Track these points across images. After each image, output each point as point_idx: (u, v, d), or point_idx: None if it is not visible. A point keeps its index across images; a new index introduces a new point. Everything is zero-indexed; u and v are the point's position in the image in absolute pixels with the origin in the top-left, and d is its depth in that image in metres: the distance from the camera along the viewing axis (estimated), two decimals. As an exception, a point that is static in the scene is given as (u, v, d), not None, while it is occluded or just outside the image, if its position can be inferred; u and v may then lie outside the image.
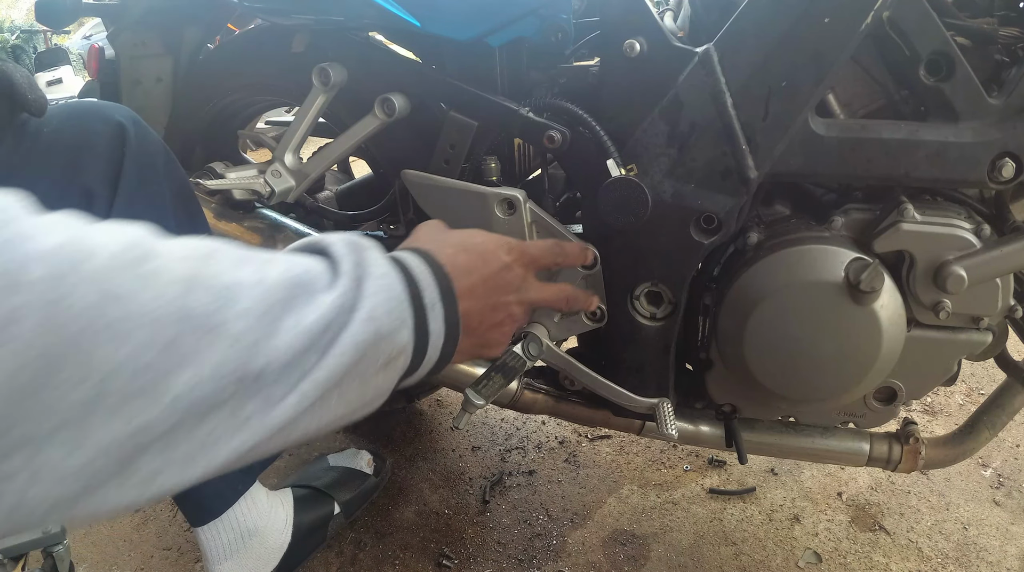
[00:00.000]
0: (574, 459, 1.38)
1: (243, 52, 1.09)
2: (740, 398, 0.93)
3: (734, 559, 1.15)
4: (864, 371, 0.80)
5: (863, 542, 1.18)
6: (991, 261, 0.75)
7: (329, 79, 0.91)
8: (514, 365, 0.91)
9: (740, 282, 0.82)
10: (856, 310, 0.77)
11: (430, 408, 1.55)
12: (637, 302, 0.88)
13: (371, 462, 1.26)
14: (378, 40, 1.00)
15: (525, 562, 1.15)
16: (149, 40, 1.08)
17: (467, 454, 1.40)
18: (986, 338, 0.82)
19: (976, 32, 0.73)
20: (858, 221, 0.81)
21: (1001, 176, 0.71)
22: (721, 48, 0.75)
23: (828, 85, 0.75)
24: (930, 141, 0.72)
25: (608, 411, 0.99)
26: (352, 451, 1.29)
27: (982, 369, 1.66)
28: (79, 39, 8.29)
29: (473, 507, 1.27)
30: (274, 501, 1.07)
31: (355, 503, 1.19)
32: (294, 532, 1.08)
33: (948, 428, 1.33)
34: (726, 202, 0.78)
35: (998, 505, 1.26)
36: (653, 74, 0.78)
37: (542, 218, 0.88)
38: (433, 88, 0.88)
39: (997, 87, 0.72)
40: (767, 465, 1.35)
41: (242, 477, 0.98)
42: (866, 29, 0.70)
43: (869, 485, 1.30)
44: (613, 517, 1.24)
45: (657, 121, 0.78)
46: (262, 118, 1.46)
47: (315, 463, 1.27)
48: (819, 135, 0.75)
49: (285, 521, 1.07)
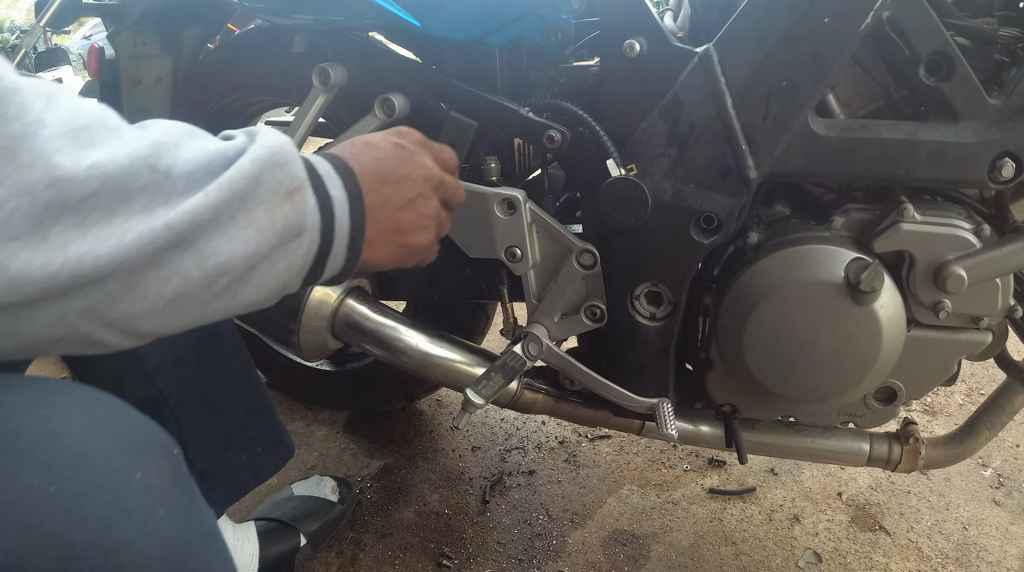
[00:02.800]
0: (574, 459, 1.38)
1: (243, 52, 1.09)
2: (740, 398, 0.93)
3: (734, 559, 1.15)
4: (864, 371, 0.80)
5: (863, 542, 1.18)
6: (991, 261, 0.75)
7: (329, 79, 0.91)
8: (514, 365, 0.91)
9: (740, 282, 0.82)
10: (856, 310, 0.77)
11: (430, 408, 1.55)
12: (637, 302, 0.88)
13: (335, 489, 1.22)
14: (378, 40, 1.00)
15: (525, 562, 1.15)
16: (149, 40, 1.08)
17: (467, 454, 1.40)
18: (986, 338, 0.82)
19: (976, 32, 0.73)
20: (858, 221, 0.81)
21: (1001, 176, 0.71)
22: (721, 48, 0.75)
23: (828, 85, 0.75)
24: (930, 141, 0.72)
25: (608, 411, 0.99)
26: (316, 478, 1.24)
27: (982, 369, 1.66)
28: (79, 39, 8.29)
29: (473, 507, 1.27)
30: (240, 535, 1.04)
31: (321, 533, 1.15)
32: (260, 567, 1.04)
33: (948, 428, 1.33)
34: (726, 202, 0.78)
35: (998, 505, 1.26)
36: (653, 74, 0.78)
37: (542, 218, 0.88)
38: (433, 88, 0.88)
39: (997, 87, 0.72)
40: (767, 465, 1.35)
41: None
42: (866, 29, 0.70)
43: (869, 485, 1.30)
44: (613, 517, 1.24)
45: (657, 121, 0.78)
46: (262, 118, 1.46)
47: (278, 493, 1.23)
48: (819, 135, 0.75)
49: (252, 556, 1.03)
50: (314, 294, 0.97)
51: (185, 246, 0.40)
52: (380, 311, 1.01)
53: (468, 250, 0.91)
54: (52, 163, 0.35)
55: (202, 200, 0.40)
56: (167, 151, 0.40)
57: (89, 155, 0.36)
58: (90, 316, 0.39)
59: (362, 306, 1.00)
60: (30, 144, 0.34)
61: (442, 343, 1.00)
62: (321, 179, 0.49)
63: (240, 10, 0.96)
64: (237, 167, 0.42)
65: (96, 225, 0.36)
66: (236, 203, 0.42)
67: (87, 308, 0.38)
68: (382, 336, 0.99)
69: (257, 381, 1.00)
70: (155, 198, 0.38)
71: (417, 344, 0.99)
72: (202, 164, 0.41)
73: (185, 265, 0.40)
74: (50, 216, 0.34)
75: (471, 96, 0.86)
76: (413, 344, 0.99)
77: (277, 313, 0.97)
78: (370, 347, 1.00)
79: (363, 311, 1.00)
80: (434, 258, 0.68)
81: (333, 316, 0.99)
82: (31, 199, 0.34)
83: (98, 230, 0.36)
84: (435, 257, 0.68)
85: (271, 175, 0.44)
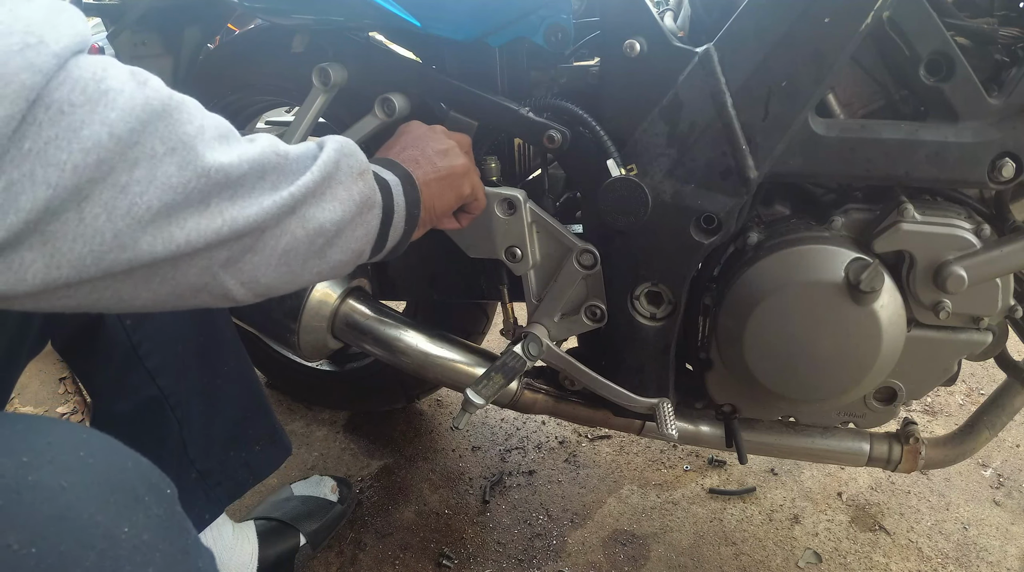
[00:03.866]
0: (574, 459, 1.38)
1: (243, 52, 1.09)
2: (740, 398, 0.93)
3: (734, 559, 1.15)
4: (864, 371, 0.80)
5: (863, 542, 1.18)
6: (991, 261, 0.75)
7: (329, 79, 0.91)
8: (514, 365, 0.91)
9: (740, 282, 0.82)
10: (856, 310, 0.77)
11: (430, 408, 1.55)
12: (637, 302, 0.89)
13: (335, 489, 1.22)
14: (378, 40, 1.00)
15: (525, 562, 1.15)
16: (149, 40, 1.08)
17: (467, 454, 1.40)
18: (986, 338, 0.82)
19: (976, 32, 0.73)
20: (858, 221, 0.81)
21: (1001, 176, 0.71)
22: (721, 48, 0.75)
23: (828, 85, 0.75)
24: (930, 141, 0.72)
25: (608, 411, 0.99)
26: (316, 478, 1.25)
27: (982, 369, 1.66)
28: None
29: (473, 507, 1.27)
30: (240, 534, 1.04)
31: (321, 533, 1.15)
32: (260, 566, 1.04)
33: (948, 428, 1.34)
34: (726, 202, 0.78)
35: (998, 505, 1.26)
36: (653, 74, 0.78)
37: (542, 218, 0.88)
38: (433, 88, 0.88)
39: (997, 87, 0.72)
40: (767, 465, 1.35)
41: (208, 507, 0.94)
42: (866, 29, 0.70)
43: (869, 485, 1.30)
44: (613, 517, 1.24)
45: (657, 121, 0.78)
46: (262, 118, 1.46)
47: (278, 493, 1.23)
48: (819, 135, 0.75)
49: (251, 555, 1.03)
50: (314, 294, 0.97)
51: (294, 212, 0.51)
52: (380, 311, 1.01)
53: (468, 250, 0.91)
54: (216, 155, 0.45)
55: (309, 178, 0.52)
56: (280, 145, 0.52)
57: (237, 149, 0.47)
58: (228, 267, 0.48)
59: (362, 306, 1.00)
60: (203, 141, 0.44)
61: (442, 343, 1.00)
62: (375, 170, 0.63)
63: (240, 10, 0.96)
64: (325, 154, 0.55)
65: (243, 197, 0.47)
66: (326, 182, 0.54)
67: (227, 259, 0.47)
68: (382, 336, 0.99)
69: (255, 380, 1.00)
70: (280, 178, 0.50)
71: (417, 344, 0.99)
72: (303, 152, 0.54)
73: (293, 226, 0.51)
74: (214, 192, 0.45)
75: (471, 96, 0.86)
76: (413, 344, 0.99)
77: (277, 313, 0.97)
78: (370, 347, 1.00)
79: (363, 311, 1.00)
80: (484, 202, 0.83)
81: (333, 316, 0.99)
82: (206, 180, 0.44)
83: (244, 200, 0.47)
84: (484, 201, 0.83)
85: (346, 162, 0.56)
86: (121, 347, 0.85)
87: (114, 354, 0.85)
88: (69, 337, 0.85)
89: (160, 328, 0.87)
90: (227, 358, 0.94)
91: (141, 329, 0.85)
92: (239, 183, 0.47)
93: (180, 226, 0.43)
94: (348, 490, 1.24)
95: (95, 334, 0.84)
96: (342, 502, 1.21)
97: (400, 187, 0.65)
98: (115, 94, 0.40)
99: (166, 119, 0.43)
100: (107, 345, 0.84)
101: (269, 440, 1.00)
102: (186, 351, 0.89)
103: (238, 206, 0.47)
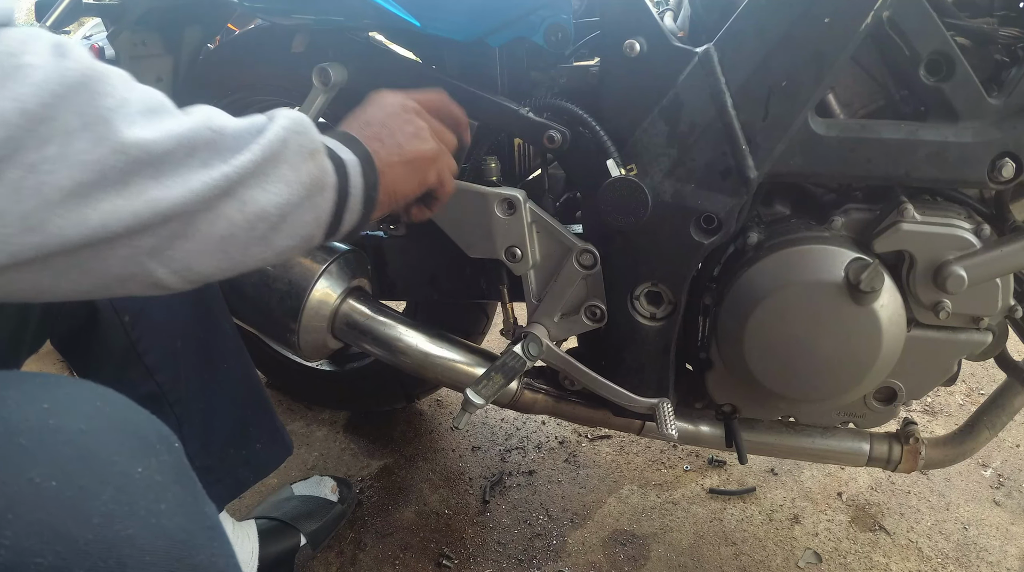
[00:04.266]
0: (574, 459, 1.38)
1: (243, 52, 1.09)
2: (740, 398, 0.93)
3: (734, 559, 1.15)
4: (864, 371, 0.80)
5: (863, 542, 1.18)
6: (991, 261, 0.75)
7: (329, 79, 0.91)
8: (514, 365, 0.91)
9: (740, 282, 0.82)
10: (856, 310, 0.77)
11: (430, 408, 1.55)
12: (637, 302, 0.89)
13: (335, 489, 1.22)
14: (378, 40, 1.00)
15: (525, 562, 1.15)
16: (149, 40, 1.08)
17: (467, 454, 1.40)
18: (986, 338, 0.82)
19: (976, 32, 0.73)
20: (858, 221, 0.81)
21: (1001, 176, 0.71)
22: (721, 48, 0.75)
23: (828, 85, 0.75)
24: (930, 141, 0.72)
25: (608, 411, 0.99)
26: (316, 478, 1.25)
27: (982, 369, 1.66)
28: (79, 39, 8.30)
29: (473, 507, 1.27)
30: (240, 533, 1.03)
31: (321, 533, 1.15)
32: (260, 566, 1.04)
33: (948, 428, 1.34)
34: (726, 202, 0.78)
35: (998, 505, 1.26)
36: (653, 74, 0.78)
37: (542, 218, 0.88)
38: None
39: (997, 87, 0.72)
40: (767, 465, 1.35)
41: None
42: (866, 29, 0.70)
43: (869, 485, 1.30)
44: (613, 517, 1.24)
45: (657, 121, 0.78)
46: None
47: (279, 493, 1.23)
48: (819, 135, 0.75)
49: (251, 554, 1.03)
50: (314, 294, 0.97)
51: (231, 194, 0.47)
52: (380, 311, 1.01)
53: (468, 250, 0.91)
54: (137, 130, 0.42)
55: (248, 157, 0.48)
56: (217, 118, 0.48)
57: (163, 124, 0.44)
58: (155, 255, 0.45)
59: (362, 306, 1.00)
60: (123, 116, 0.42)
61: (442, 343, 1.00)
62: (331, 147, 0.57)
63: (240, 10, 0.96)
64: (270, 131, 0.50)
65: (168, 176, 0.44)
66: (270, 161, 0.50)
67: (154, 247, 0.45)
68: (382, 336, 0.99)
69: (256, 378, 1.00)
70: (213, 155, 0.46)
71: (417, 344, 0.99)
72: (244, 128, 0.49)
73: (230, 210, 0.47)
74: (134, 170, 0.42)
75: (471, 96, 0.86)
76: (413, 344, 0.99)
77: (277, 313, 0.97)
78: (370, 347, 1.00)
79: (363, 311, 1.00)
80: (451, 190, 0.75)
81: (333, 316, 0.99)
82: (124, 157, 0.41)
83: (169, 180, 0.44)
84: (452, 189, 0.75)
85: (295, 140, 0.52)
86: (119, 343, 0.85)
87: (112, 350, 0.85)
88: (67, 333, 0.85)
89: (159, 325, 0.87)
90: (227, 356, 0.94)
91: (139, 325, 0.85)
92: (162, 161, 0.43)
93: (94, 207, 0.41)
94: (348, 490, 1.24)
95: (93, 330, 0.84)
96: (342, 502, 1.21)
97: (359, 167, 0.59)
98: (31, 69, 0.38)
99: (84, 92, 0.40)
100: (105, 341, 0.84)
101: (270, 439, 1.00)
102: (186, 348, 0.89)
103: (162, 186, 0.43)
